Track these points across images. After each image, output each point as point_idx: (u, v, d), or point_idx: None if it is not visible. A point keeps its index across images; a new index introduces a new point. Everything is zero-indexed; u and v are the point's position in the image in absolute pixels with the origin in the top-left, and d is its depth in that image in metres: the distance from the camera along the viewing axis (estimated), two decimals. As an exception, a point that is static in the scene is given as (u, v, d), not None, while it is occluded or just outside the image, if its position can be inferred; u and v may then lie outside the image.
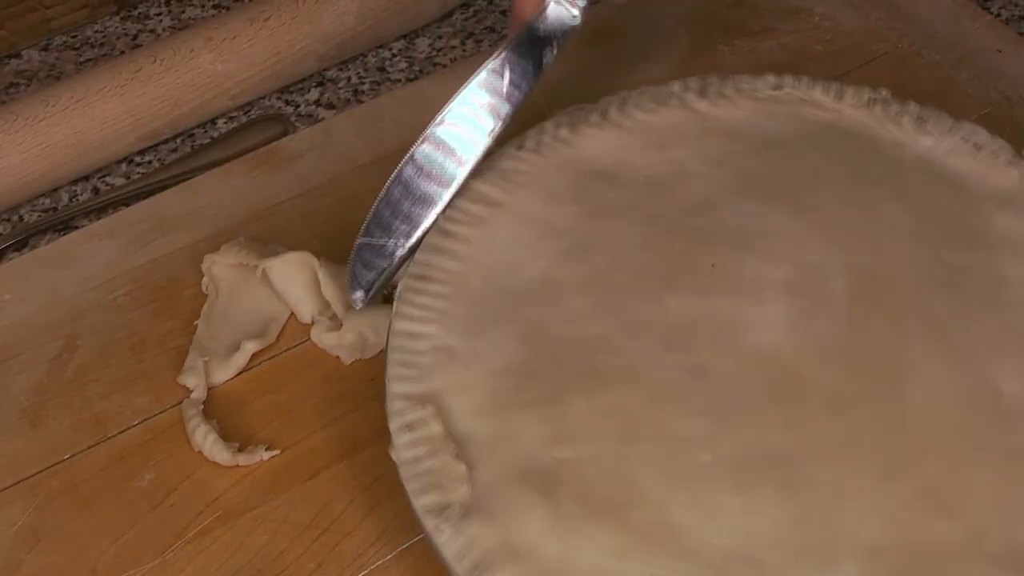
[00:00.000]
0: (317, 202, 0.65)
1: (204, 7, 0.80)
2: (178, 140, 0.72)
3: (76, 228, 0.66)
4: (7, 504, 0.54)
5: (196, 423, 0.55)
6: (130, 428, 0.56)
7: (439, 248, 0.56)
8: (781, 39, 0.72)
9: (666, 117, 0.61)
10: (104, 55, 0.77)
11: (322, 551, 0.52)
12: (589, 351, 0.53)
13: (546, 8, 0.57)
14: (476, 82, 0.56)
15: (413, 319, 0.54)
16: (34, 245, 0.66)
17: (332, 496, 0.54)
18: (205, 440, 0.55)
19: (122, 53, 0.77)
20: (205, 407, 0.56)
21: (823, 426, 0.51)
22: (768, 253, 0.56)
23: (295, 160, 0.67)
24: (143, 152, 0.71)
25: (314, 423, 0.56)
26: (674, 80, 0.62)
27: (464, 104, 0.56)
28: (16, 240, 0.66)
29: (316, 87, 0.74)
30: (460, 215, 0.57)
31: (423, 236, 0.56)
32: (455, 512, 0.48)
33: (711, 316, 0.54)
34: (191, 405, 0.56)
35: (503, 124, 0.56)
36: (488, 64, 0.56)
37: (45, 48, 0.78)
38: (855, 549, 0.47)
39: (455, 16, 0.78)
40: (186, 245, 0.63)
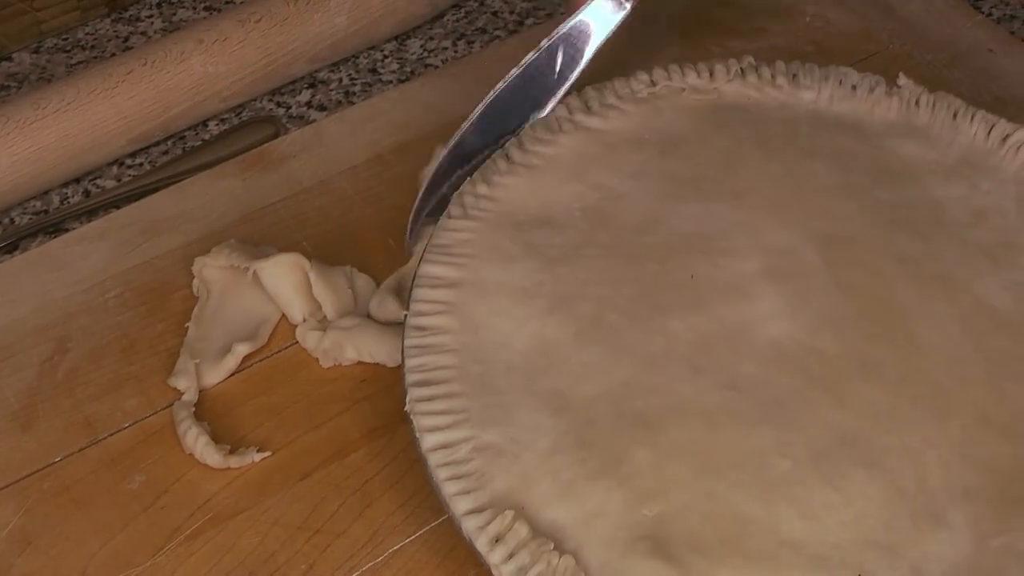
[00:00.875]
0: (308, 204, 0.65)
1: (195, 9, 0.80)
2: (169, 142, 0.72)
3: (67, 231, 0.66)
4: (-3, 507, 0.54)
5: (187, 425, 0.55)
6: (121, 430, 0.56)
7: (424, 347, 0.53)
8: (772, 39, 0.72)
9: (567, 145, 0.60)
10: (95, 57, 0.77)
11: (313, 552, 0.52)
12: (623, 401, 0.52)
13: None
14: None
15: (440, 429, 0.51)
16: (25, 248, 0.66)
17: (323, 497, 0.54)
18: (196, 442, 0.54)
19: (113, 55, 0.76)
20: (196, 409, 0.56)
21: (867, 393, 0.52)
22: (734, 249, 0.56)
23: (286, 162, 0.67)
24: (134, 154, 0.71)
25: (305, 425, 0.56)
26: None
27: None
28: (7, 243, 0.66)
29: (307, 89, 0.74)
30: (426, 307, 0.54)
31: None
32: None
33: (717, 327, 0.54)
34: (182, 407, 0.56)
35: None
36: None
37: (36, 50, 0.78)
38: (953, 498, 0.49)
39: (447, 17, 0.78)
40: (177, 247, 0.63)
